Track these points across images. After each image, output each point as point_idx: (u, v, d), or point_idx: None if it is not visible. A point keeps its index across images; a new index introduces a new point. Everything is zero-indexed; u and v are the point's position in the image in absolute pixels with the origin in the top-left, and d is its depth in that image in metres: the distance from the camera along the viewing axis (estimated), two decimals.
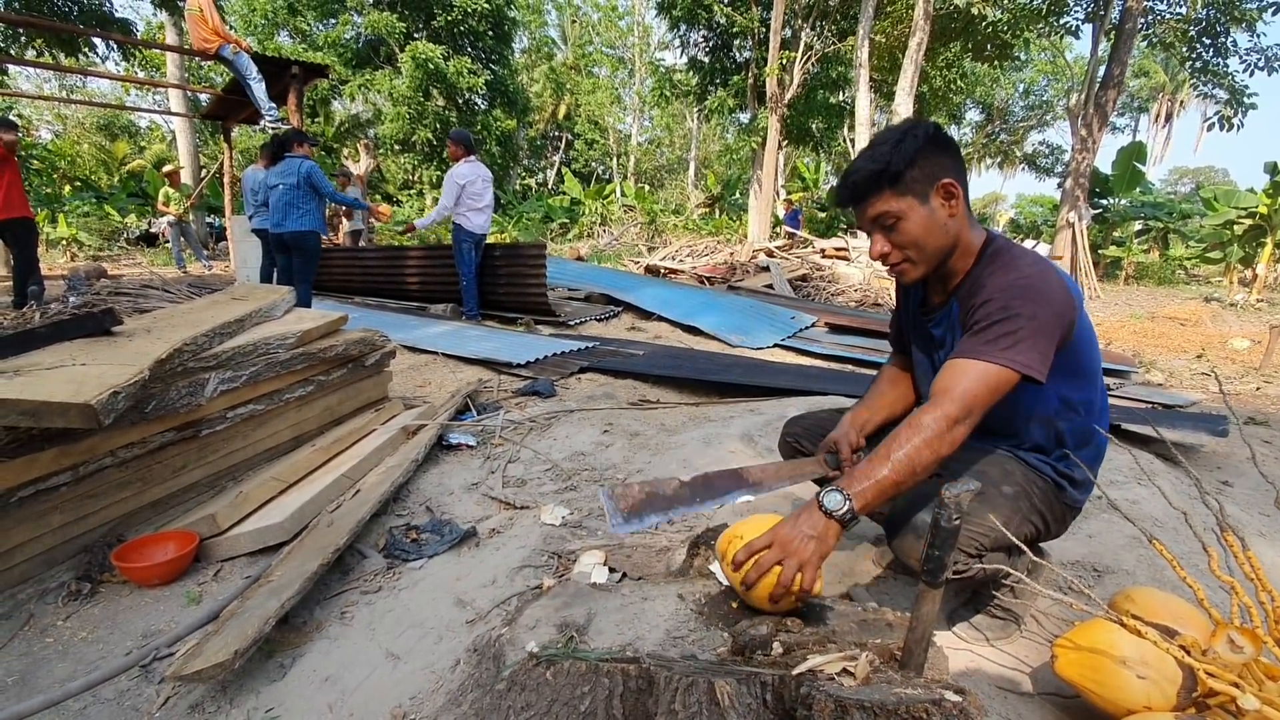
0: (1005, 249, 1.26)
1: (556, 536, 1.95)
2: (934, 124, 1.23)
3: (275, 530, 1.90)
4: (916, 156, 1.18)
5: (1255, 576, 0.98)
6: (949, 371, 1.15)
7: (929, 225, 1.22)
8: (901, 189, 1.20)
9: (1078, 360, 1.24)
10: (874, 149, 1.22)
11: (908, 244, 1.23)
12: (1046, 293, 1.15)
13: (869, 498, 1.08)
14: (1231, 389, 4.95)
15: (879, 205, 1.22)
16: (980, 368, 1.12)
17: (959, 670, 1.33)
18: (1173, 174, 42.73)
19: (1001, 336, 1.13)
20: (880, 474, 1.08)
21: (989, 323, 1.15)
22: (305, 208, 5.06)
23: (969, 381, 1.11)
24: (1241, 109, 12.33)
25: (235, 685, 1.38)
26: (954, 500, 0.86)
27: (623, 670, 0.97)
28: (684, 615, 1.16)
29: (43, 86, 25.89)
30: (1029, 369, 1.11)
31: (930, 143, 1.19)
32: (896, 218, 1.21)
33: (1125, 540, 1.89)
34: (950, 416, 1.09)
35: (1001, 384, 1.12)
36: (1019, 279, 1.17)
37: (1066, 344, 1.20)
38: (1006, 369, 1.11)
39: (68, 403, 1.51)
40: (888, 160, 1.19)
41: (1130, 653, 1.09)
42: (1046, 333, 1.14)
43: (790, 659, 0.98)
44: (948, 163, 1.21)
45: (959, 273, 1.29)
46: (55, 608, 1.71)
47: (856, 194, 1.24)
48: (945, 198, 1.21)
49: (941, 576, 0.90)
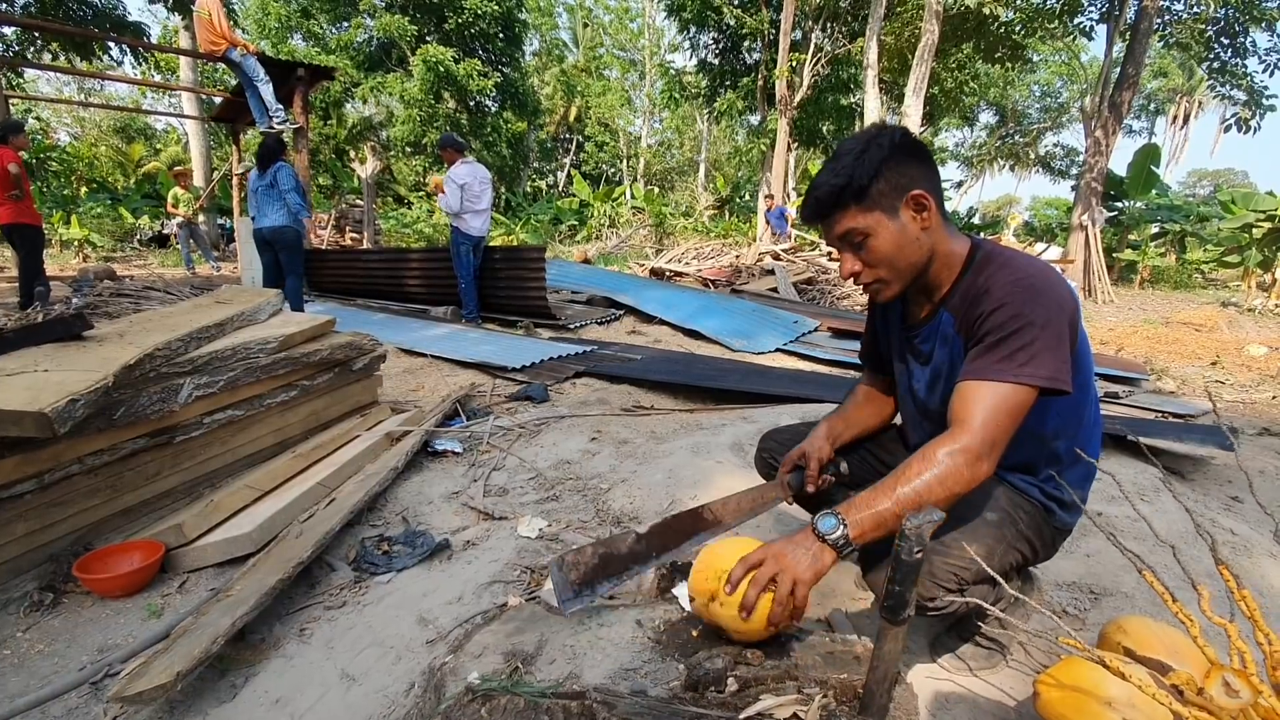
0: (996, 253, 1.17)
1: (531, 550, 1.89)
2: (901, 130, 1.14)
3: (243, 541, 1.85)
4: (881, 168, 1.09)
5: (1251, 616, 0.90)
6: (963, 396, 1.06)
7: (900, 241, 1.13)
8: (868, 204, 1.11)
9: (1079, 370, 1.14)
10: (837, 161, 1.13)
11: (878, 262, 1.15)
12: (1053, 291, 1.06)
13: (865, 528, 1.00)
14: (1248, 397, 4.80)
15: (845, 222, 1.14)
16: (999, 391, 1.02)
17: (939, 702, 1.26)
18: (1191, 176, 42.07)
19: (1018, 351, 1.03)
20: (882, 506, 1.00)
21: (1001, 335, 1.05)
22: (280, 204, 5.31)
23: (989, 409, 1.01)
24: (1260, 110, 12.07)
25: (183, 705, 1.33)
26: (915, 531, 0.79)
27: (564, 707, 0.91)
28: (640, 644, 1.10)
29: (61, 90, 26.31)
30: (1054, 382, 1.02)
31: (897, 151, 1.11)
32: (864, 234, 1.13)
33: (1124, 561, 1.80)
34: (972, 452, 1.00)
35: (1024, 405, 1.03)
36: (1023, 278, 1.08)
37: (1072, 350, 1.10)
38: (1027, 387, 1.02)
39: (22, 410, 1.48)
40: (850, 174, 1.10)
41: (1116, 693, 1.01)
42: (1062, 337, 1.04)
43: (743, 698, 0.92)
44: (917, 172, 1.13)
45: (944, 284, 1.21)
46: (17, 618, 1.67)
47: (820, 211, 1.16)
48: (916, 210, 1.13)
49: (903, 614, 0.83)
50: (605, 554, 1.24)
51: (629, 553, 1.24)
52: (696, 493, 2.23)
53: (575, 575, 1.20)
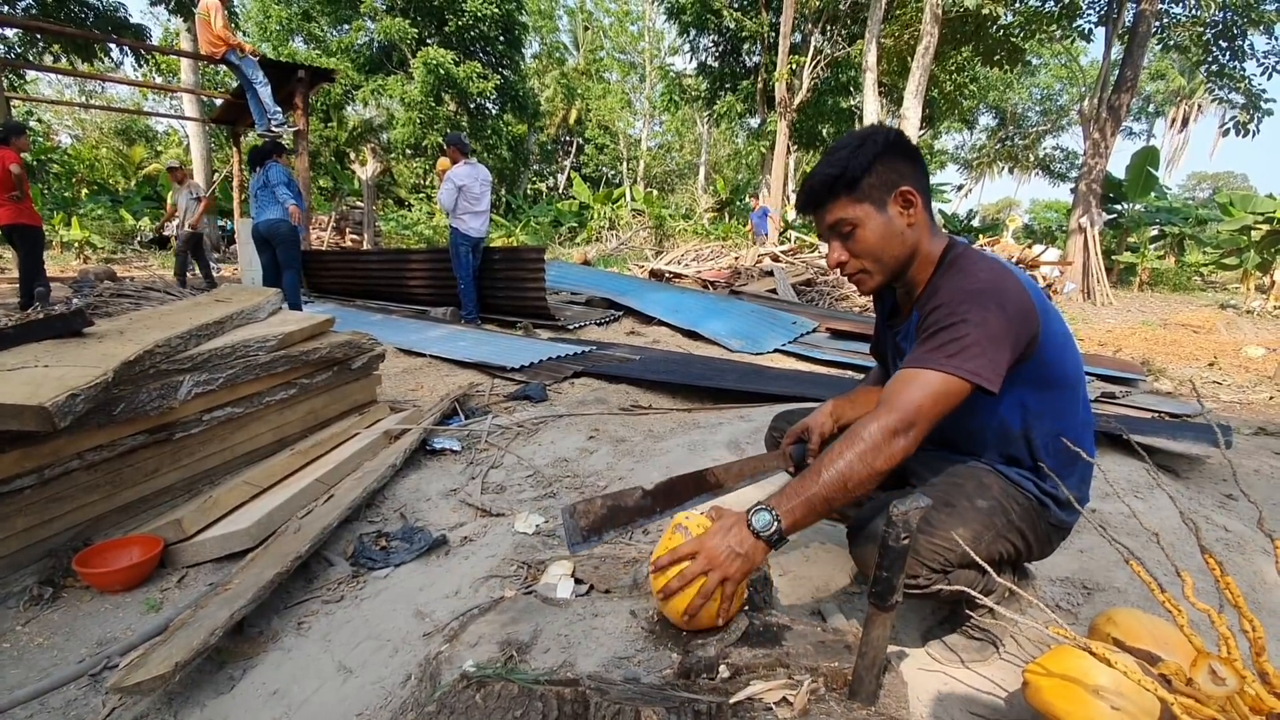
0: (962, 255, 1.20)
1: (528, 545, 1.90)
2: (895, 130, 1.19)
3: (241, 536, 1.86)
4: (874, 162, 1.15)
5: (1235, 604, 0.91)
6: (894, 382, 1.10)
7: (886, 233, 1.18)
8: (858, 195, 1.16)
9: (1047, 370, 1.17)
10: (832, 154, 1.19)
11: (864, 252, 1.20)
12: (999, 298, 1.09)
13: (797, 515, 1.03)
14: (1244, 398, 4.81)
15: (835, 212, 1.19)
16: (924, 376, 1.06)
17: (930, 693, 1.27)
18: (1191, 179, 42.15)
19: (948, 343, 1.07)
20: (810, 490, 1.03)
21: (936, 329, 1.09)
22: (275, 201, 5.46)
23: (912, 391, 1.05)
24: (1258, 114, 12.09)
25: (181, 697, 1.34)
26: (902, 517, 0.80)
27: (557, 694, 0.91)
28: (634, 634, 1.11)
29: (63, 92, 26.37)
30: (977, 377, 1.04)
31: (889, 149, 1.16)
32: (853, 225, 1.18)
33: (1118, 557, 1.81)
34: (889, 428, 1.03)
35: (949, 393, 1.05)
36: (970, 284, 1.12)
37: (1032, 353, 1.14)
38: (953, 377, 1.05)
39: (22, 404, 1.49)
40: (844, 166, 1.16)
41: (1104, 681, 1.02)
42: (998, 340, 1.07)
43: (734, 684, 0.93)
44: (907, 170, 1.17)
45: (920, 283, 1.25)
46: (16, 612, 1.68)
47: (814, 200, 1.22)
48: (903, 205, 1.18)
49: (891, 599, 0.84)
50: (613, 505, 1.29)
51: (635, 506, 1.30)
52: None
53: (584, 522, 1.27)
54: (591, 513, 1.29)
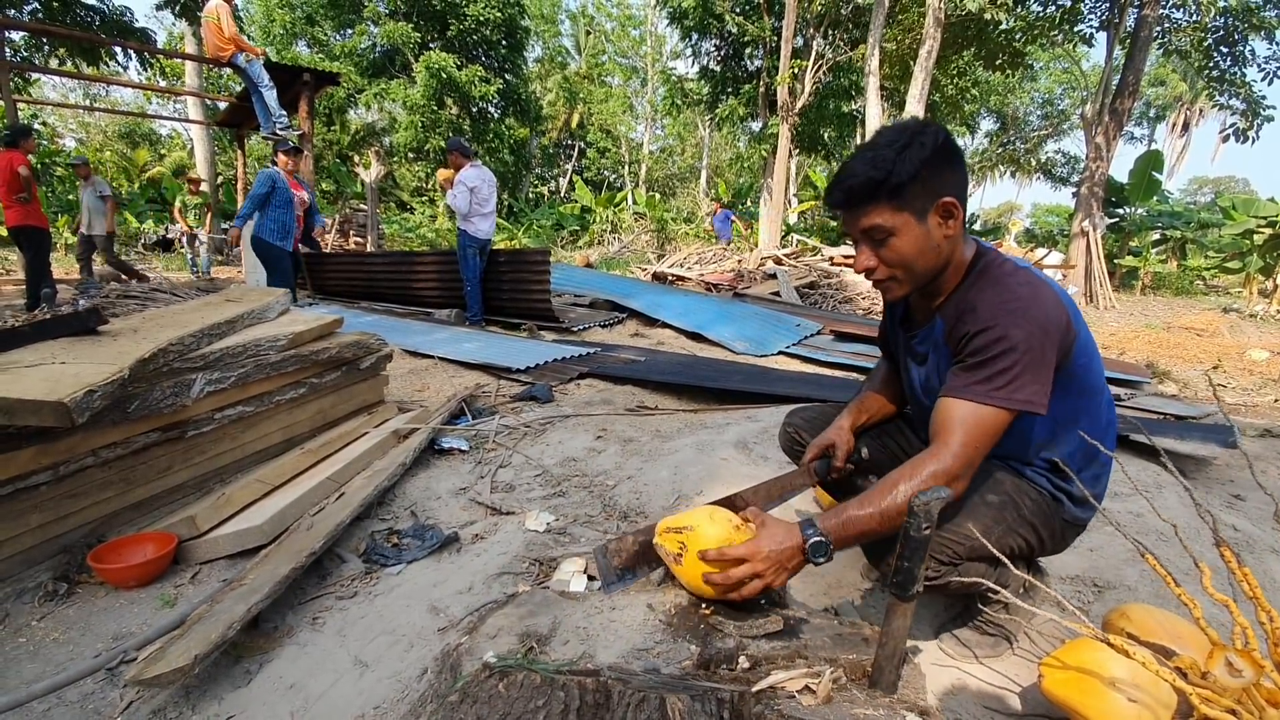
0: (994, 264, 1.17)
1: (539, 543, 1.90)
2: (943, 131, 1.12)
3: (254, 533, 1.87)
4: (921, 169, 1.08)
5: (1253, 595, 0.92)
6: (946, 413, 1.09)
7: (922, 246, 1.13)
8: (899, 204, 1.10)
9: (1076, 380, 1.17)
10: (875, 152, 1.11)
11: (897, 262, 1.15)
12: (1040, 316, 1.08)
13: (849, 542, 1.08)
14: (1250, 401, 4.82)
15: (872, 217, 1.12)
16: (978, 412, 1.07)
17: (944, 688, 1.27)
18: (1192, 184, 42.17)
19: (997, 374, 1.06)
20: (863, 525, 1.06)
21: (984, 357, 1.08)
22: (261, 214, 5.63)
23: (967, 431, 1.06)
24: (1258, 120, 12.10)
25: (198, 690, 1.35)
26: (923, 508, 0.81)
27: (579, 683, 0.92)
28: (652, 627, 1.12)
29: (67, 95, 26.47)
30: (1030, 405, 1.06)
31: (937, 154, 1.09)
32: (889, 233, 1.12)
33: (1128, 555, 1.82)
34: (949, 474, 1.04)
35: (1000, 426, 1.07)
36: (1010, 301, 1.09)
37: (1066, 364, 1.13)
38: (1004, 410, 1.06)
39: (42, 400, 1.50)
40: (889, 169, 1.08)
41: (1121, 673, 1.03)
42: (1044, 360, 1.07)
43: (755, 674, 0.93)
44: (952, 178, 1.12)
45: (945, 290, 1.22)
46: (31, 608, 1.69)
47: (850, 200, 1.14)
48: (944, 217, 1.12)
49: (912, 589, 0.85)
50: (644, 542, 1.30)
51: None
52: (702, 488, 2.25)
53: (617, 561, 1.29)
54: (624, 550, 1.31)
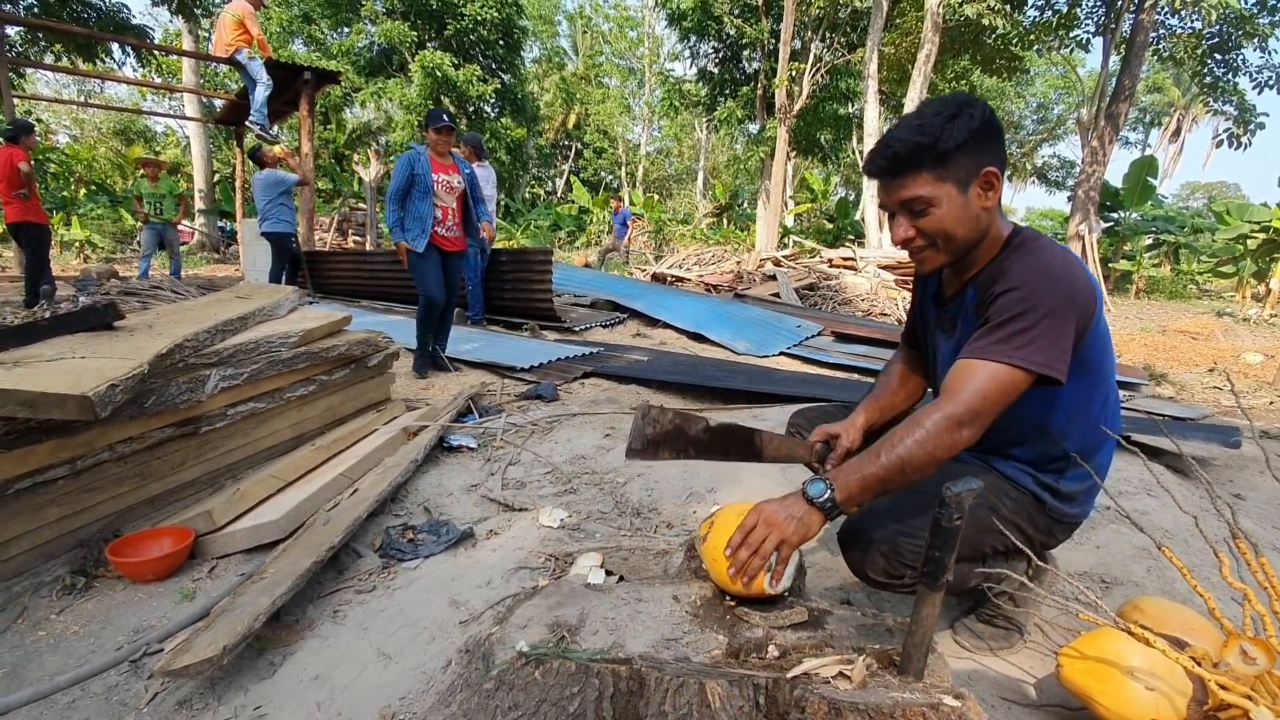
0: (1032, 239, 1.17)
1: (554, 539, 1.92)
2: (988, 107, 1.09)
3: (271, 528, 1.88)
4: (969, 139, 1.05)
5: (1269, 584, 0.95)
6: (958, 370, 1.08)
7: (962, 216, 1.11)
8: (944, 173, 1.08)
9: (1089, 362, 1.16)
10: (922, 120, 1.07)
11: (936, 232, 1.12)
12: (1069, 284, 1.06)
13: (852, 490, 1.04)
14: (1245, 402, 4.87)
15: (915, 187, 1.09)
16: (991, 369, 1.04)
17: (959, 678, 1.30)
18: (1184, 189, 42.50)
19: (1016, 334, 1.04)
20: (868, 470, 1.04)
21: (1005, 317, 1.06)
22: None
23: (978, 382, 1.03)
24: (1250, 127, 12.23)
25: (224, 682, 1.36)
26: (954, 499, 0.83)
27: (613, 671, 0.94)
28: (679, 617, 1.14)
29: (61, 91, 26.30)
30: (1047, 368, 1.03)
31: (985, 125, 1.07)
32: (929, 204, 1.09)
33: (1134, 551, 1.85)
34: (954, 418, 1.02)
35: (1015, 385, 1.04)
36: (1044, 266, 1.08)
37: (1078, 348, 1.11)
38: (1020, 369, 1.03)
39: (65, 394, 1.51)
40: (938, 136, 1.05)
41: (1138, 663, 1.05)
42: (1064, 327, 1.05)
43: (786, 662, 0.96)
44: (996, 150, 1.10)
45: (979, 262, 1.20)
46: (49, 601, 1.70)
47: (894, 167, 1.11)
48: (985, 188, 1.11)
49: (942, 578, 0.87)
50: (679, 425, 1.27)
51: (694, 437, 1.28)
52: (713, 485, 2.27)
53: (651, 430, 1.25)
54: (661, 422, 1.26)
